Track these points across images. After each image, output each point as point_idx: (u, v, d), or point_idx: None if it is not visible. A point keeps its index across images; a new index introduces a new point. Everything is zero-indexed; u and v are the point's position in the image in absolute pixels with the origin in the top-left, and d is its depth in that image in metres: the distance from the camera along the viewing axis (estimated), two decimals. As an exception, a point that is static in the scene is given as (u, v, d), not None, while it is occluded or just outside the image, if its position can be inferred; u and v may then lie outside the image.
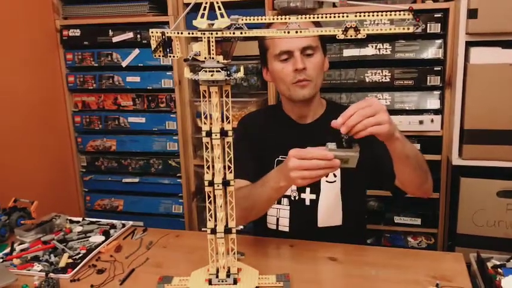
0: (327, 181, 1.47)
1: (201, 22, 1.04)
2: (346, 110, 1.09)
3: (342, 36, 1.01)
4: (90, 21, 2.25)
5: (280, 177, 1.23)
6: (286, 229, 1.51)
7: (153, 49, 1.11)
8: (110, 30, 2.22)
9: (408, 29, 1.01)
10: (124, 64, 2.24)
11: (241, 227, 2.20)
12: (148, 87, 2.24)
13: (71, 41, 2.30)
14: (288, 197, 1.50)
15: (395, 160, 1.24)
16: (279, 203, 1.52)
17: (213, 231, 1.16)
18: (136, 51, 2.21)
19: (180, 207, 2.31)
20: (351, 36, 1.01)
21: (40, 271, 1.28)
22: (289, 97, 1.46)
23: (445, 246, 1.99)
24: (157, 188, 2.33)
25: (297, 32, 1.05)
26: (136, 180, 2.35)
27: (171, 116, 2.24)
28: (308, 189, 1.49)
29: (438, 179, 1.95)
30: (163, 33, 1.09)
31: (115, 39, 2.23)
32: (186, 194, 2.31)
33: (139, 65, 2.23)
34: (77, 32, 2.28)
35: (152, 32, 1.09)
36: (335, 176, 1.48)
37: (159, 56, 1.11)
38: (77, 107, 2.38)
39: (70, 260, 1.34)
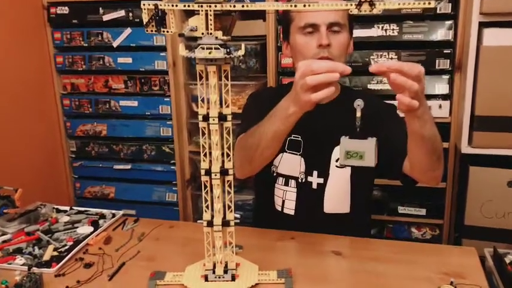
0: (336, 166, 1.39)
1: (198, -7, 0.95)
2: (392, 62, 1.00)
3: (355, 11, 0.93)
4: (79, -2, 2.15)
5: (289, 103, 1.13)
6: (292, 212, 1.44)
7: (145, 23, 1.03)
8: (101, 8, 2.13)
9: (429, 3, 0.92)
10: (115, 44, 2.16)
11: (238, 215, 2.14)
12: (140, 69, 2.15)
13: (59, 19, 2.20)
14: (296, 179, 1.43)
15: (409, 136, 1.16)
16: (286, 184, 1.44)
17: (210, 223, 1.09)
18: (128, 30, 2.12)
19: (174, 196, 2.25)
20: (365, 11, 0.93)
21: (22, 265, 1.20)
22: None
23: (451, 238, 1.92)
24: (150, 175, 2.26)
25: (304, 6, 0.96)
26: (128, 166, 2.28)
27: (165, 99, 2.16)
28: (316, 173, 1.41)
29: (445, 168, 1.87)
30: (156, 6, 1.00)
31: (106, 18, 2.14)
32: (181, 181, 2.23)
33: (131, 45, 2.14)
34: (65, 10, 2.18)
35: (144, 5, 1.01)
36: None
37: (152, 31, 1.03)
38: (66, 89, 2.30)
39: (55, 253, 1.26)
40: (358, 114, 1.02)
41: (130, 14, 2.10)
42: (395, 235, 2.03)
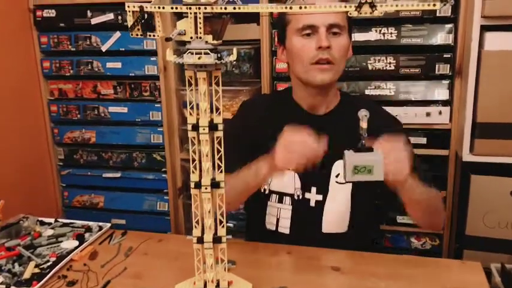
0: (337, 182, 1.32)
1: (186, -5, 0.89)
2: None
3: (354, 14, 0.86)
4: (66, 1, 2.08)
5: (264, 163, 1.16)
6: (287, 231, 1.37)
7: (129, 27, 0.96)
8: (89, 11, 2.07)
9: (434, 5, 0.85)
10: (104, 48, 2.09)
11: (231, 225, 2.08)
12: (130, 74, 2.09)
13: (46, 22, 2.13)
14: (291, 195, 1.36)
15: (403, 201, 1.16)
16: (280, 201, 1.37)
17: (200, 240, 1.02)
18: (118, 34, 2.06)
19: (166, 205, 2.18)
20: (366, 13, 0.86)
21: (0, 284, 1.13)
22: (305, 80, 1.29)
23: (451, 248, 1.86)
24: (140, 183, 2.19)
25: (300, 8, 0.89)
26: (118, 175, 2.21)
27: (156, 105, 2.09)
28: (314, 189, 1.34)
29: (445, 176, 1.82)
30: (141, 8, 0.94)
31: (94, 21, 2.07)
32: (172, 190, 2.16)
33: (120, 49, 2.08)
34: (52, 13, 2.11)
35: (129, 7, 0.94)
36: None
37: (137, 35, 0.97)
38: (53, 95, 2.23)
39: (37, 270, 1.19)
40: (364, 125, 0.95)
41: (120, 17, 2.03)
42: (394, 245, 1.97)
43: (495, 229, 1.67)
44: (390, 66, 1.78)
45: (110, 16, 2.05)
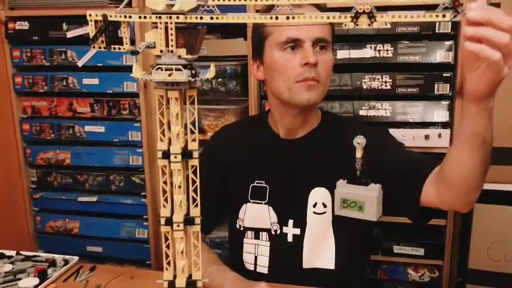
0: (314, 212, 1.19)
1: (156, 2, 0.77)
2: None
3: (351, 25, 0.75)
4: (40, 13, 1.96)
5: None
6: (265, 270, 1.24)
7: (91, 38, 0.85)
8: (64, 24, 1.95)
9: (444, 16, 0.74)
10: (80, 64, 1.97)
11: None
12: (108, 91, 1.97)
13: (18, 35, 2.01)
14: (268, 230, 1.23)
15: (465, 142, 0.92)
16: (257, 238, 1.24)
17: (171, 285, 0.88)
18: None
19: (145, 232, 2.04)
20: (363, 25, 0.75)
21: None
22: (288, 100, 1.15)
23: (452, 282, 1.73)
24: (118, 208, 2.06)
25: (288, 18, 0.77)
26: (94, 199, 2.07)
27: (135, 125, 1.97)
28: (291, 222, 1.21)
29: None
30: (105, 17, 0.83)
31: (70, 34, 1.95)
32: (152, 216, 2.02)
33: (98, 64, 1.96)
34: (25, 25, 1.99)
35: (90, 15, 0.84)
36: (325, 206, 1.19)
37: (100, 47, 0.87)
38: (26, 112, 2.10)
39: None
40: (359, 154, 0.82)
41: (97, 31, 1.92)
42: (390, 277, 1.83)
43: (501, 262, 1.56)
44: (386, 86, 1.67)
45: (87, 29, 1.90)
